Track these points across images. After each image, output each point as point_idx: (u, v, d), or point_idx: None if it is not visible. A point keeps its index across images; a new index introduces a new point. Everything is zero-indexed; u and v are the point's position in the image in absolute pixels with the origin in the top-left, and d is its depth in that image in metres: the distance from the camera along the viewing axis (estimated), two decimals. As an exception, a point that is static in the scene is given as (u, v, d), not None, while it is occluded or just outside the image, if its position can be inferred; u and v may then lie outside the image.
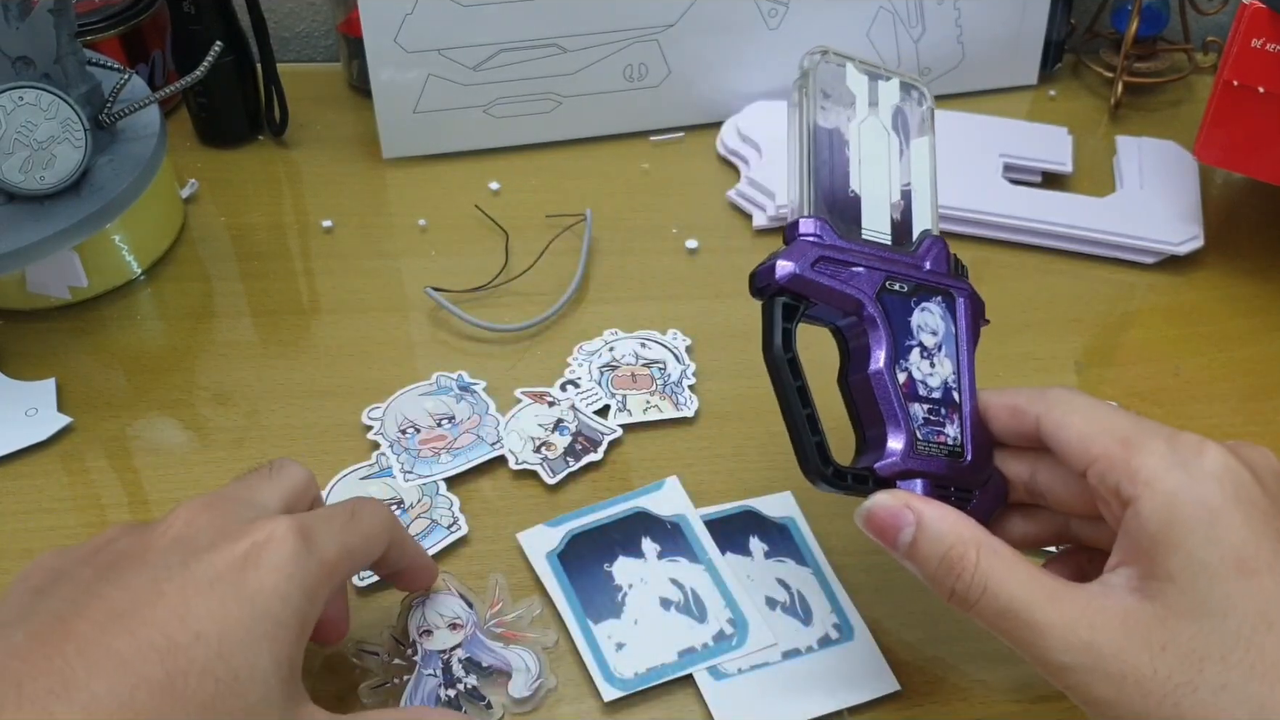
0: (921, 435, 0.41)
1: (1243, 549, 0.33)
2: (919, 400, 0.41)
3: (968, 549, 0.37)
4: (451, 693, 0.44)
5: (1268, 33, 0.59)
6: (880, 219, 0.44)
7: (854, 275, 0.41)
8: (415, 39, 0.69)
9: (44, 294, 0.61)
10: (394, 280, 0.65)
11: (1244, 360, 0.61)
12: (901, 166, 0.45)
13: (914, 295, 0.42)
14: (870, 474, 0.40)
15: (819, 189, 0.42)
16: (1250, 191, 0.73)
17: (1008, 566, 0.36)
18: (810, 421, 0.40)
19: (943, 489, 0.40)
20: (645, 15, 0.72)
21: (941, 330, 0.43)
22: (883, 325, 0.41)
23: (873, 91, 0.45)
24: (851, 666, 0.46)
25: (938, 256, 0.44)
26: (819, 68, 0.44)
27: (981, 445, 0.42)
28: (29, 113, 0.55)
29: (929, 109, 0.46)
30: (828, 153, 0.43)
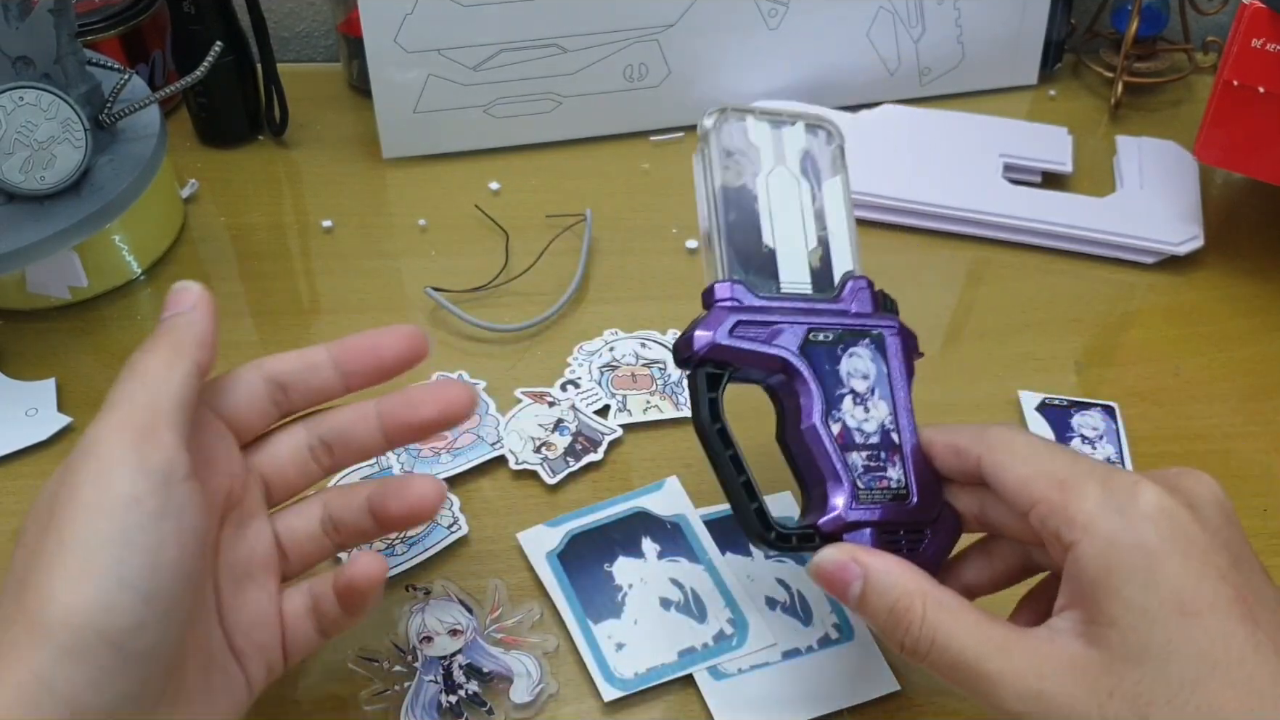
0: (863, 484, 0.40)
1: (1182, 591, 0.33)
2: (856, 449, 0.41)
3: (913, 601, 0.36)
4: (453, 699, 0.44)
5: (1268, 33, 0.59)
6: (798, 269, 0.43)
7: (775, 333, 0.41)
8: (415, 39, 0.69)
9: (44, 294, 0.61)
10: (394, 280, 0.65)
11: (1244, 360, 0.61)
12: (815, 211, 0.44)
13: (840, 342, 0.42)
14: (815, 531, 0.40)
15: (732, 250, 0.42)
16: (1250, 191, 0.73)
17: (954, 618, 0.36)
18: (747, 489, 0.40)
19: (892, 534, 0.40)
20: (645, 15, 0.72)
21: (873, 373, 0.42)
22: (811, 379, 0.41)
23: (777, 141, 0.45)
24: (851, 666, 0.46)
25: (862, 297, 0.43)
26: (718, 127, 0.44)
27: (927, 483, 0.41)
28: (29, 113, 0.55)
29: (839, 145, 0.46)
30: (736, 212, 0.43)
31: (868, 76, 0.77)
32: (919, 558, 0.40)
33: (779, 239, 0.43)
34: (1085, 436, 0.56)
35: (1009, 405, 0.58)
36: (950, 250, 0.68)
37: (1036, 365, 0.60)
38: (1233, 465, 0.56)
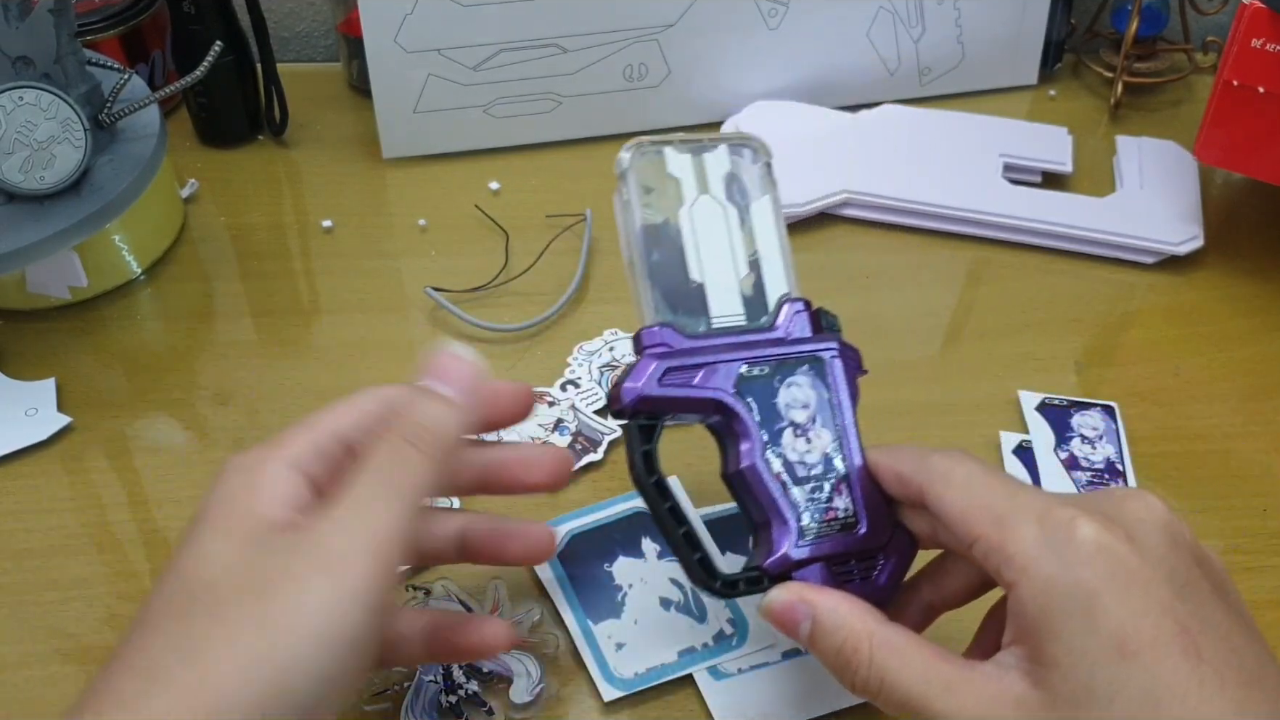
0: (808, 518, 0.40)
1: (1121, 631, 0.32)
2: (799, 482, 0.40)
3: (860, 643, 0.36)
4: (453, 699, 0.44)
5: (1268, 33, 0.59)
6: (729, 301, 0.42)
7: (708, 374, 0.40)
8: (415, 39, 0.69)
9: (44, 294, 0.61)
10: (394, 280, 0.65)
11: (1244, 360, 0.61)
12: (744, 236, 0.43)
13: (777, 374, 0.41)
14: (762, 574, 0.39)
15: (658, 292, 0.41)
16: (1250, 191, 0.73)
17: (901, 658, 0.36)
18: (688, 539, 0.39)
19: (843, 565, 0.39)
20: (645, 15, 0.71)
21: (814, 400, 0.41)
22: (747, 417, 0.40)
23: (698, 167, 0.43)
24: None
25: (799, 320, 0.42)
26: (634, 164, 0.42)
27: (876, 508, 0.40)
28: (29, 113, 0.55)
29: (766, 163, 0.44)
30: (660, 251, 0.42)
31: (868, 76, 0.77)
32: (873, 585, 0.40)
33: (707, 272, 0.42)
34: (1085, 436, 0.56)
35: (1009, 405, 0.58)
36: (950, 250, 0.68)
37: (1036, 365, 0.60)
38: (1233, 465, 0.56)
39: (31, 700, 0.45)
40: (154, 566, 0.50)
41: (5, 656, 0.47)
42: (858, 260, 0.67)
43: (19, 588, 0.49)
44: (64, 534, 0.51)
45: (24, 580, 0.49)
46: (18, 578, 0.49)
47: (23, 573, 0.50)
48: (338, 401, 0.39)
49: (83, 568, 0.50)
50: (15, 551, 0.50)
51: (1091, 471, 0.54)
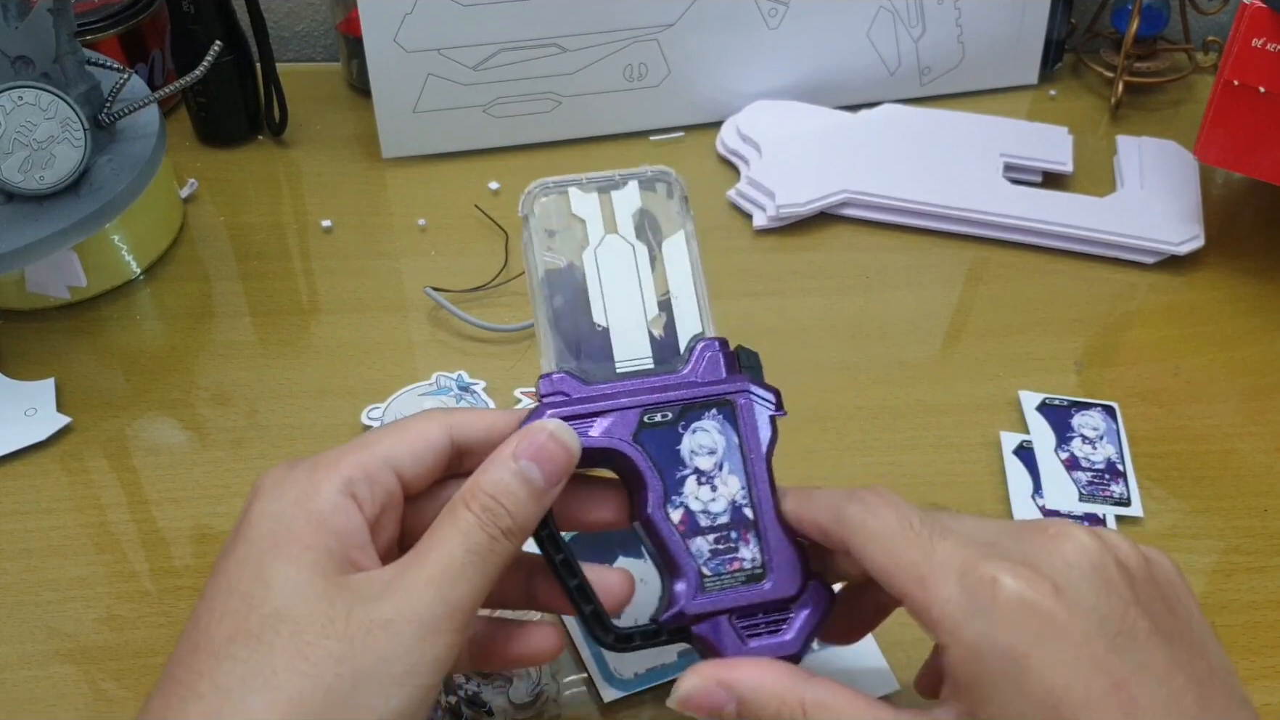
0: (710, 570, 0.38)
1: (1053, 694, 0.31)
2: (702, 532, 0.38)
3: (794, 712, 0.35)
4: (452, 699, 0.44)
5: (1268, 33, 0.59)
6: (636, 344, 0.40)
7: (604, 424, 0.38)
8: (415, 39, 0.69)
9: (43, 294, 0.61)
10: (394, 280, 0.65)
11: (1244, 360, 0.61)
12: (655, 275, 0.41)
13: (681, 419, 0.39)
14: (659, 628, 0.38)
15: (559, 338, 0.40)
16: (1250, 191, 0.73)
17: (836, 716, 0.35)
18: (580, 592, 0.38)
19: (749, 618, 0.38)
20: (645, 15, 0.71)
21: (721, 446, 0.39)
22: (645, 466, 0.38)
23: (605, 207, 0.41)
24: (851, 666, 0.46)
25: (712, 361, 0.40)
26: (536, 207, 0.41)
27: (786, 558, 0.38)
28: (28, 112, 0.55)
29: (681, 196, 0.42)
30: (563, 295, 0.40)
31: (868, 76, 0.77)
32: (781, 640, 0.38)
33: (611, 316, 0.40)
34: (1086, 437, 0.56)
35: (1009, 405, 0.58)
36: (950, 250, 0.68)
37: (1036, 365, 0.60)
38: (1233, 465, 0.56)
39: (31, 700, 0.45)
40: (153, 567, 0.50)
41: (4, 656, 0.46)
42: (858, 260, 0.67)
43: (18, 588, 0.49)
44: (63, 534, 0.51)
45: (23, 580, 0.49)
46: (17, 578, 0.49)
47: (22, 573, 0.50)
48: (397, 423, 0.38)
49: (82, 568, 0.50)
50: (14, 551, 0.50)
51: (1092, 472, 0.54)
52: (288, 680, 0.31)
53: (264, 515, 0.35)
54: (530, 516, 0.36)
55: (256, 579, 0.33)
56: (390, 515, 0.37)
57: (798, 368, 0.60)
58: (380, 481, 0.36)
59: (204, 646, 0.33)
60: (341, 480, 0.35)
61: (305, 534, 0.34)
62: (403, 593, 0.33)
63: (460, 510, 0.35)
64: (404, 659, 0.33)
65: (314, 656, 0.32)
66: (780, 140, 0.72)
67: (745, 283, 0.65)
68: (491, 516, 0.35)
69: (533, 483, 0.36)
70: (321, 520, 0.34)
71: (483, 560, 0.35)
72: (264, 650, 0.32)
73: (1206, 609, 0.50)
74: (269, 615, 0.32)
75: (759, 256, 0.67)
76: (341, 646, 0.32)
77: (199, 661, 0.32)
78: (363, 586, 0.34)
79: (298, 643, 0.32)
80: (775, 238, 0.68)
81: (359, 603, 0.33)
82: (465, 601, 0.34)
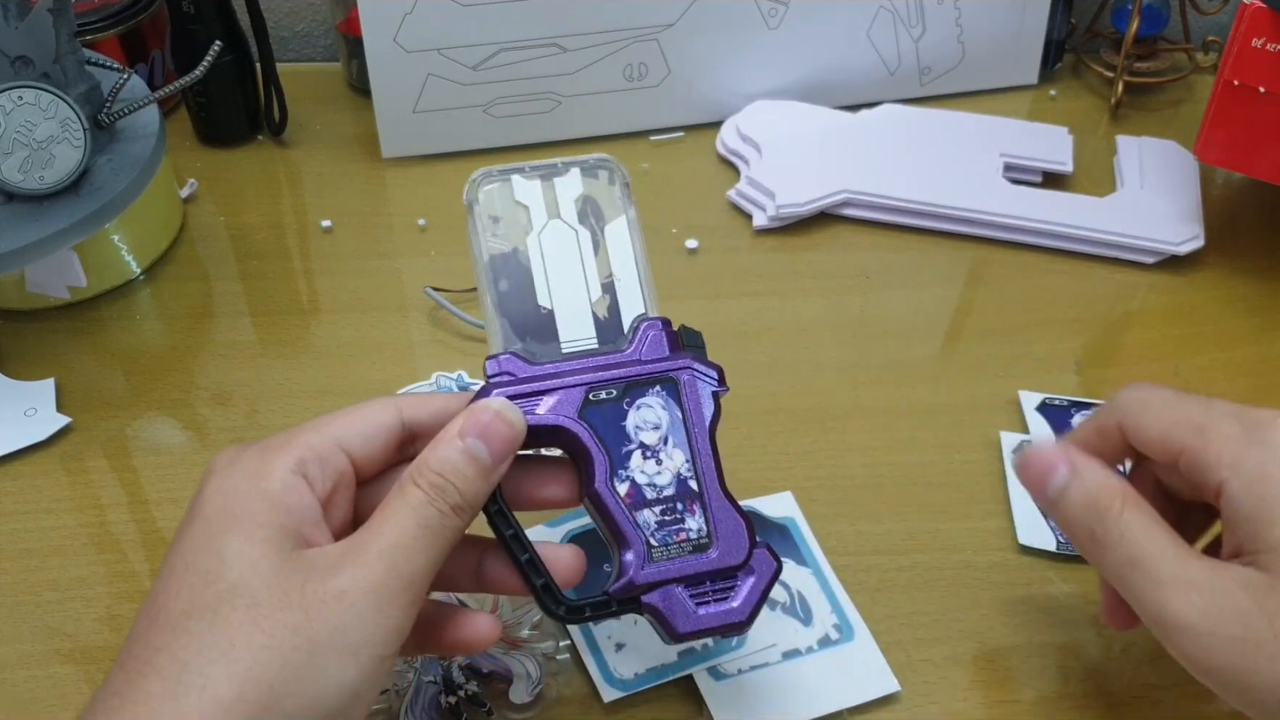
0: (657, 540, 0.39)
1: None
2: (648, 505, 0.39)
3: (1114, 498, 0.38)
4: (452, 699, 0.44)
5: (1268, 33, 0.59)
6: (580, 325, 0.42)
7: (550, 402, 0.40)
8: (415, 39, 0.69)
9: (43, 294, 0.61)
10: (394, 280, 0.65)
11: (1244, 360, 0.61)
12: (599, 259, 0.42)
13: (625, 396, 0.40)
14: (610, 599, 0.39)
15: (505, 321, 0.41)
16: (1250, 191, 0.73)
17: (1146, 522, 0.38)
18: (531, 566, 0.39)
19: (697, 585, 0.39)
20: (645, 15, 0.71)
21: (665, 421, 0.40)
22: (591, 442, 0.39)
23: (548, 193, 0.43)
24: (851, 666, 0.46)
25: (655, 340, 0.41)
26: (480, 194, 0.42)
27: (731, 528, 0.40)
28: (28, 112, 0.55)
29: (623, 183, 0.44)
30: (508, 279, 0.42)
31: (868, 76, 0.77)
32: (728, 606, 0.39)
33: (556, 298, 0.42)
34: (1085, 436, 0.56)
35: (1009, 405, 0.58)
36: (950, 250, 0.68)
37: (1036, 365, 0.60)
38: (1233, 465, 0.56)
39: (31, 700, 0.45)
40: (153, 567, 0.50)
41: (4, 656, 0.46)
42: (858, 260, 0.67)
43: (18, 588, 0.49)
44: (63, 534, 0.51)
45: (23, 580, 0.49)
46: (17, 578, 0.49)
47: (22, 573, 0.50)
48: (349, 408, 0.39)
49: (82, 568, 0.50)
50: (14, 551, 0.50)
51: (1092, 471, 0.54)
52: (245, 652, 0.32)
53: (218, 493, 0.35)
54: (478, 493, 0.37)
55: (212, 555, 0.34)
56: (342, 495, 0.38)
57: (798, 368, 0.60)
58: (331, 461, 0.37)
59: (161, 621, 0.33)
60: (293, 460, 0.36)
61: (258, 511, 0.35)
62: (356, 565, 0.34)
63: (409, 487, 0.36)
64: (359, 630, 0.33)
65: (270, 628, 0.32)
66: (780, 140, 0.72)
67: (745, 283, 0.65)
68: (440, 493, 0.36)
69: (479, 460, 0.36)
70: (273, 498, 0.35)
71: (434, 535, 0.35)
72: (221, 623, 0.32)
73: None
74: (225, 590, 0.33)
75: (759, 256, 0.67)
76: (297, 618, 0.32)
77: (156, 636, 0.33)
78: (317, 560, 0.34)
79: (254, 615, 0.32)
80: (775, 238, 0.68)
81: (314, 576, 0.33)
82: (418, 575, 0.35)
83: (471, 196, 0.42)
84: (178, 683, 0.31)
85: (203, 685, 0.31)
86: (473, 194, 0.42)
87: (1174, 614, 0.36)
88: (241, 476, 0.36)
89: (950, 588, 0.49)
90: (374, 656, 0.34)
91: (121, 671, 0.33)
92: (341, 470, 0.37)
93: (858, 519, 0.52)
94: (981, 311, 0.64)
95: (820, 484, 0.54)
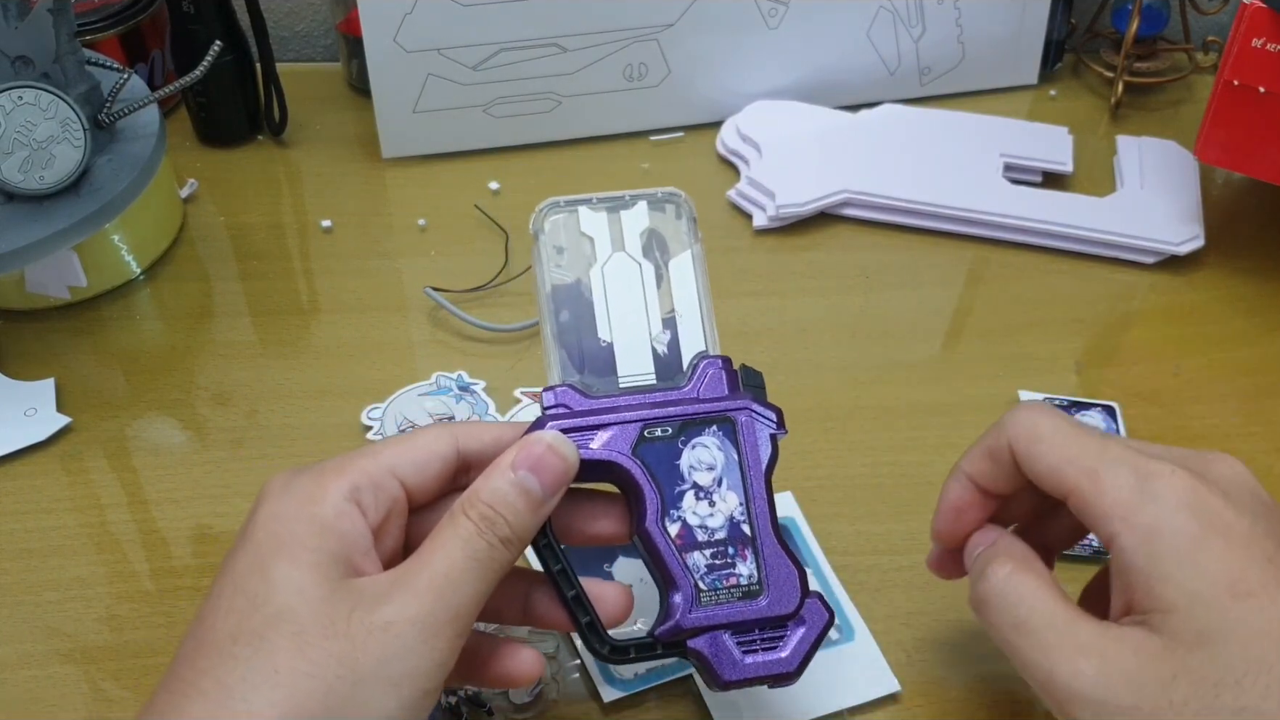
0: (706, 584, 0.38)
1: (1230, 574, 0.33)
2: (699, 547, 0.38)
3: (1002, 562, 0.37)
4: (452, 699, 0.44)
5: (1268, 33, 0.59)
6: (639, 360, 0.41)
7: (604, 437, 0.39)
8: (415, 38, 0.69)
9: (43, 294, 0.61)
10: (394, 280, 0.65)
11: (1244, 360, 0.61)
12: (661, 294, 0.42)
13: (681, 434, 0.39)
14: (656, 641, 0.38)
15: (564, 352, 0.41)
16: (1250, 191, 0.73)
17: (1034, 585, 0.36)
18: (577, 602, 0.38)
19: (745, 633, 0.38)
20: (645, 15, 0.71)
21: (720, 462, 0.39)
22: (644, 479, 0.39)
23: (614, 226, 0.42)
24: (851, 666, 0.46)
25: (714, 379, 0.41)
26: (546, 224, 0.42)
27: (783, 576, 0.39)
28: (28, 112, 0.55)
29: (690, 218, 0.43)
30: (569, 310, 0.41)
31: (868, 76, 0.77)
32: (780, 656, 0.38)
33: (616, 331, 0.41)
34: (1085, 436, 0.56)
35: (1009, 405, 0.58)
36: (950, 250, 0.68)
37: (1036, 365, 0.60)
38: (1233, 465, 0.56)
39: (31, 700, 0.45)
40: (153, 567, 0.50)
41: (4, 656, 0.46)
42: (858, 260, 0.67)
43: (18, 588, 0.49)
44: (63, 534, 0.51)
45: (23, 580, 0.49)
46: (17, 578, 0.49)
47: (22, 573, 0.50)
48: (405, 434, 0.38)
49: (82, 568, 0.50)
50: (14, 551, 0.50)
51: (1092, 471, 0.54)
52: (289, 679, 0.32)
53: (269, 517, 0.35)
54: (528, 526, 0.36)
55: (260, 579, 0.33)
56: (395, 523, 0.37)
57: (798, 368, 0.60)
58: (384, 489, 0.36)
59: (208, 644, 0.33)
60: (346, 486, 0.36)
61: (309, 537, 0.34)
62: (404, 596, 0.34)
63: (460, 518, 0.35)
64: (404, 661, 0.33)
65: (315, 656, 0.32)
66: (780, 140, 0.72)
67: (745, 283, 0.65)
68: (490, 525, 0.35)
69: (530, 493, 0.36)
70: (325, 524, 0.35)
71: (482, 567, 0.35)
72: (266, 649, 0.32)
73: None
74: (271, 615, 0.33)
75: (759, 256, 0.67)
76: (343, 647, 0.32)
77: (202, 659, 0.32)
78: (365, 589, 0.34)
79: (299, 642, 0.32)
80: (775, 238, 0.68)
81: (361, 605, 0.33)
82: (465, 607, 0.34)
83: (538, 226, 0.42)
84: (220, 707, 0.31)
85: (245, 711, 0.31)
86: (539, 223, 0.42)
87: (1064, 684, 0.34)
88: (294, 501, 0.35)
89: (950, 588, 0.49)
90: (418, 689, 0.33)
91: (166, 693, 0.33)
92: (394, 498, 0.37)
93: (858, 519, 0.52)
94: (981, 311, 0.64)
95: (820, 484, 0.54)
